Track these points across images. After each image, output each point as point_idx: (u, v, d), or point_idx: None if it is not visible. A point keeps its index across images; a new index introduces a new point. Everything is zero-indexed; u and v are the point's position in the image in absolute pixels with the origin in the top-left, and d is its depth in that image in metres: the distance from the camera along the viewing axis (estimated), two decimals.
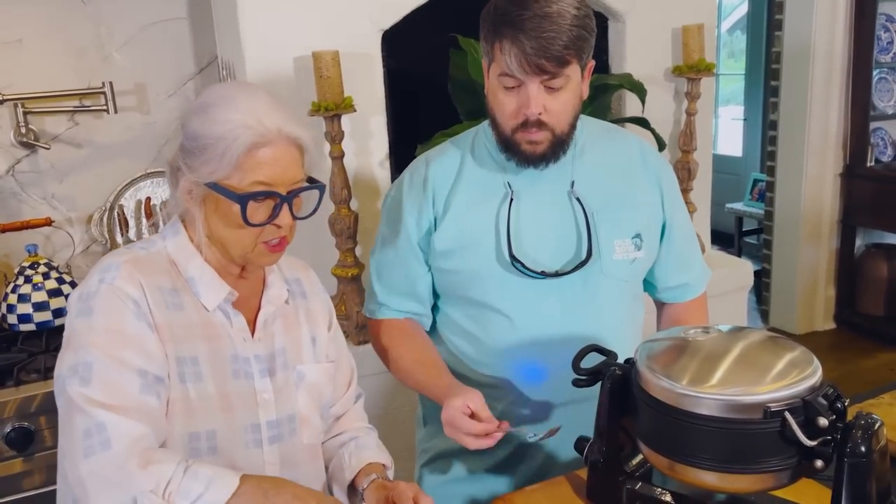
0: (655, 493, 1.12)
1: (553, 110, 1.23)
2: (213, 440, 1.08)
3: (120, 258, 1.09)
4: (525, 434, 1.21)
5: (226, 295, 1.12)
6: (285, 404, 1.16)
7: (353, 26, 2.16)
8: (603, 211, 1.33)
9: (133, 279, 1.06)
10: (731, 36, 5.87)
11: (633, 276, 1.39)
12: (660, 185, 1.40)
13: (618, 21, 2.57)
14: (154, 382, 1.03)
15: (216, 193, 1.06)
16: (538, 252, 1.32)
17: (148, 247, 1.13)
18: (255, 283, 1.19)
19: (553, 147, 1.27)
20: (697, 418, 0.94)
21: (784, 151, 3.85)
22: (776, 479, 0.96)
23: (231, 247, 1.11)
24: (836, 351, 3.70)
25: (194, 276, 1.12)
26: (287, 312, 1.21)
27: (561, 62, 1.19)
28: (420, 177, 1.38)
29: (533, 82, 1.20)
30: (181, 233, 1.14)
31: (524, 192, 1.33)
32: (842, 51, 3.64)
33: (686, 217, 1.48)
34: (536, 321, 1.33)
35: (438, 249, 1.35)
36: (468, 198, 1.34)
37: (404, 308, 1.42)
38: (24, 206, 2.28)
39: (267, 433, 1.14)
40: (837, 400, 0.94)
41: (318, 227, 2.18)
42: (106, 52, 2.32)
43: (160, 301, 1.07)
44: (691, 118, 2.60)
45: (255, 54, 2.10)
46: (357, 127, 2.21)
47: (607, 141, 1.40)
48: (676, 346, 1.05)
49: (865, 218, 3.80)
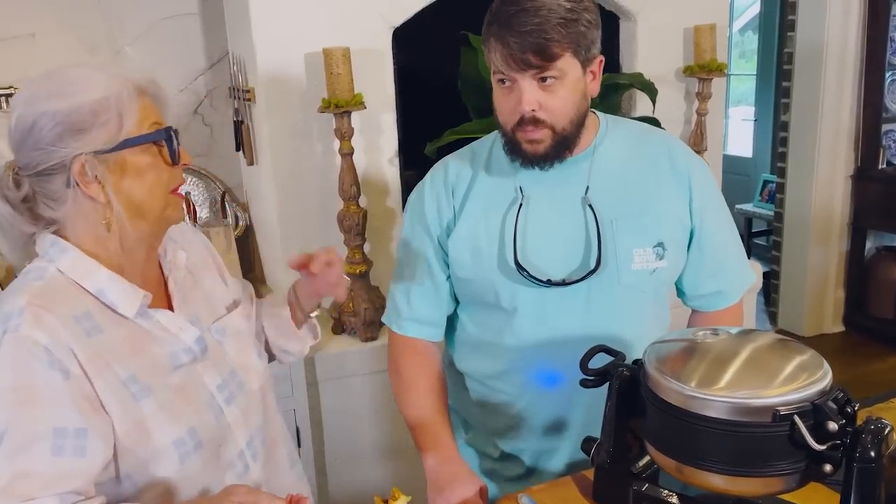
0: (662, 495, 1.11)
1: (549, 106, 1.19)
2: (196, 436, 1.06)
3: (20, 300, 0.98)
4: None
5: (141, 299, 1.05)
6: (221, 364, 1.15)
7: (363, 23, 2.16)
8: (622, 218, 1.28)
9: (41, 322, 0.96)
10: (742, 36, 5.85)
11: (655, 286, 1.33)
12: (689, 188, 1.32)
13: (629, 20, 2.56)
14: (74, 436, 0.94)
15: (121, 152, 1.00)
16: (544, 259, 1.28)
17: (41, 275, 1.02)
18: (155, 270, 1.14)
19: (555, 145, 1.23)
20: (706, 421, 0.94)
21: (795, 153, 3.83)
22: (784, 482, 0.95)
23: (148, 210, 1.05)
24: (844, 354, 3.68)
25: (103, 288, 1.03)
26: (185, 274, 1.18)
27: (547, 55, 1.15)
28: (440, 177, 1.37)
29: (523, 78, 1.18)
30: (70, 249, 1.04)
31: (535, 198, 1.30)
32: (854, 52, 3.62)
33: (722, 219, 1.38)
34: (547, 331, 1.30)
35: (452, 257, 1.34)
36: (481, 203, 1.33)
37: (423, 316, 1.39)
38: None
39: (220, 396, 1.12)
40: (847, 404, 0.93)
41: (327, 224, 2.18)
42: (118, 47, 2.33)
43: (78, 332, 0.99)
44: (702, 118, 2.59)
45: (266, 50, 2.11)
46: (367, 124, 2.22)
47: (633, 143, 1.34)
48: (685, 347, 1.05)
49: (876, 220, 3.77)
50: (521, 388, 1.35)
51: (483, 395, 1.40)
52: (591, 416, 1.30)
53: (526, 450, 1.40)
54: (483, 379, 1.39)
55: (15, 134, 1.02)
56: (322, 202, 2.21)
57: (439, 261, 1.36)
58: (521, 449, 1.40)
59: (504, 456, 1.42)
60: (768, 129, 5.29)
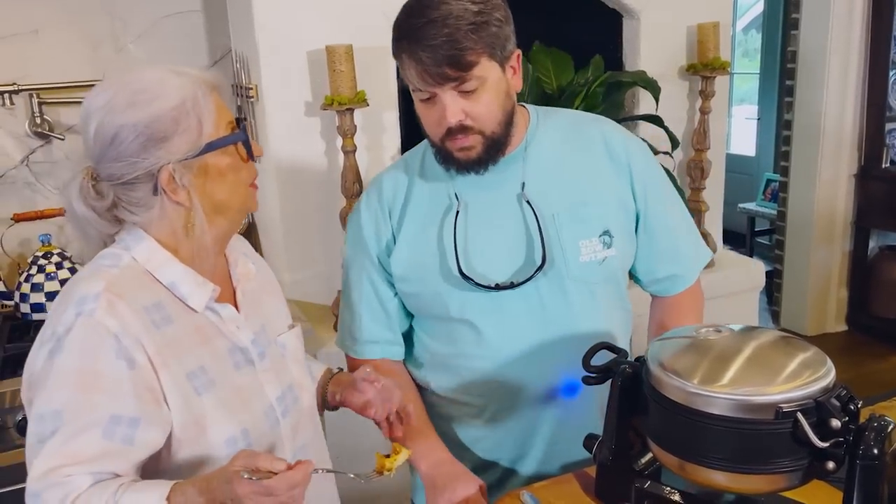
0: (664, 493, 1.11)
1: (474, 114, 1.16)
2: (248, 437, 1.07)
3: (96, 285, 0.99)
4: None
5: (210, 293, 1.07)
6: (282, 377, 1.16)
7: (366, 21, 2.16)
8: (564, 211, 1.24)
9: (114, 310, 0.97)
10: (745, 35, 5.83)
11: (607, 276, 1.29)
12: (629, 171, 1.29)
13: (632, 18, 2.55)
14: (128, 426, 0.96)
15: (207, 156, 1.01)
16: (489, 264, 1.25)
17: (116, 262, 1.04)
18: (223, 266, 1.15)
19: (487, 149, 1.19)
20: (709, 418, 0.94)
21: (798, 151, 3.82)
22: (787, 479, 0.95)
23: (228, 207, 1.07)
24: (847, 353, 3.68)
25: (175, 280, 1.05)
26: (253, 286, 1.19)
27: (463, 66, 1.11)
28: (375, 196, 1.33)
29: (444, 91, 1.13)
30: (146, 238, 1.05)
31: (472, 202, 1.26)
32: (858, 51, 3.61)
33: (670, 202, 1.35)
34: (505, 333, 1.27)
35: (396, 274, 1.30)
36: (419, 215, 1.29)
37: (378, 337, 1.35)
38: (39, 196, 2.30)
39: (279, 408, 1.13)
40: (850, 401, 0.93)
41: (329, 221, 2.18)
42: (121, 44, 2.33)
43: (148, 323, 1.00)
44: (705, 117, 2.59)
45: (269, 48, 2.11)
46: (369, 121, 2.21)
47: (566, 133, 1.30)
48: (688, 344, 1.05)
49: (879, 219, 3.76)
50: (487, 399, 1.31)
51: (447, 409, 1.36)
52: (563, 420, 1.29)
53: (502, 457, 1.36)
54: (445, 392, 1.35)
55: (95, 146, 1.01)
56: (324, 199, 2.21)
57: (383, 280, 1.33)
58: (498, 456, 1.36)
59: (481, 463, 1.37)
60: (771, 127, 5.28)
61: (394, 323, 1.36)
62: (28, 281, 2.04)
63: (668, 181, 1.37)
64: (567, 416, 1.31)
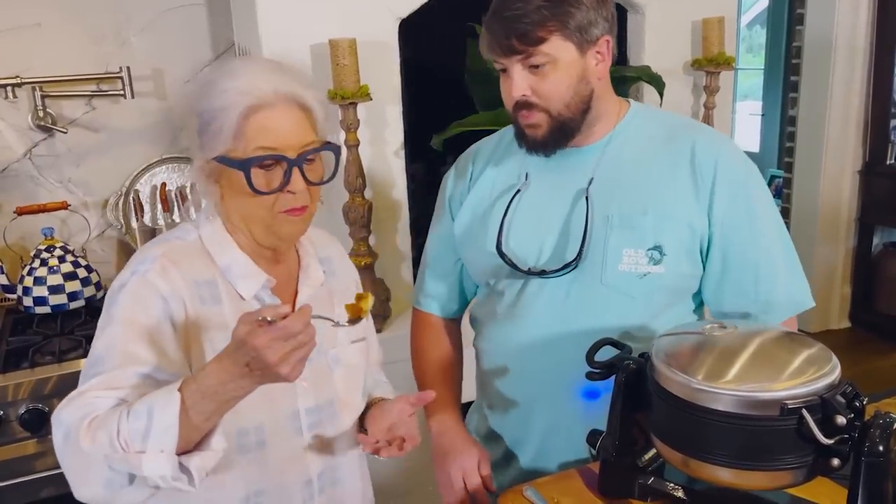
0: (668, 489, 1.11)
1: (540, 91, 1.17)
2: (261, 434, 1.07)
3: (157, 250, 1.06)
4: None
5: (263, 282, 1.09)
6: (323, 390, 1.14)
7: (370, 14, 2.15)
8: (619, 215, 1.21)
9: (167, 274, 1.03)
10: (749, 31, 5.81)
11: (647, 293, 1.21)
12: (711, 192, 1.20)
13: (637, 13, 2.54)
14: (155, 383, 0.97)
15: (224, 167, 1.03)
16: (529, 248, 1.26)
17: (183, 236, 1.10)
18: (290, 268, 1.16)
19: (553, 130, 1.20)
20: (713, 414, 0.94)
21: (802, 147, 3.81)
22: (792, 476, 0.95)
23: (251, 223, 1.07)
24: (850, 350, 3.67)
25: (229, 265, 1.08)
26: (320, 294, 1.18)
27: (531, 39, 1.13)
28: (465, 157, 1.40)
29: (512, 64, 1.17)
30: (215, 220, 1.10)
31: (536, 185, 1.28)
32: (863, 46, 3.59)
33: (760, 234, 1.22)
34: (524, 322, 1.27)
35: (455, 234, 1.36)
36: (488, 185, 1.33)
37: (434, 291, 1.43)
38: (41, 189, 2.30)
39: (306, 420, 1.12)
40: (856, 398, 0.93)
41: (333, 216, 2.17)
42: (124, 37, 2.32)
43: (195, 296, 1.04)
44: (709, 112, 2.57)
45: (272, 41, 2.10)
46: (372, 116, 2.21)
47: (654, 137, 1.26)
48: (692, 341, 1.04)
49: (884, 216, 3.75)
50: (498, 378, 1.36)
51: (482, 364, 1.43)
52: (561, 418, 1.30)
53: (505, 435, 1.39)
54: (480, 353, 1.42)
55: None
56: (327, 194, 2.19)
57: (452, 239, 1.38)
58: (502, 427, 1.39)
59: (489, 434, 1.42)
60: (775, 123, 5.26)
61: (454, 281, 1.43)
62: (31, 274, 2.03)
63: (769, 213, 1.25)
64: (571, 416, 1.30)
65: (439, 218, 1.42)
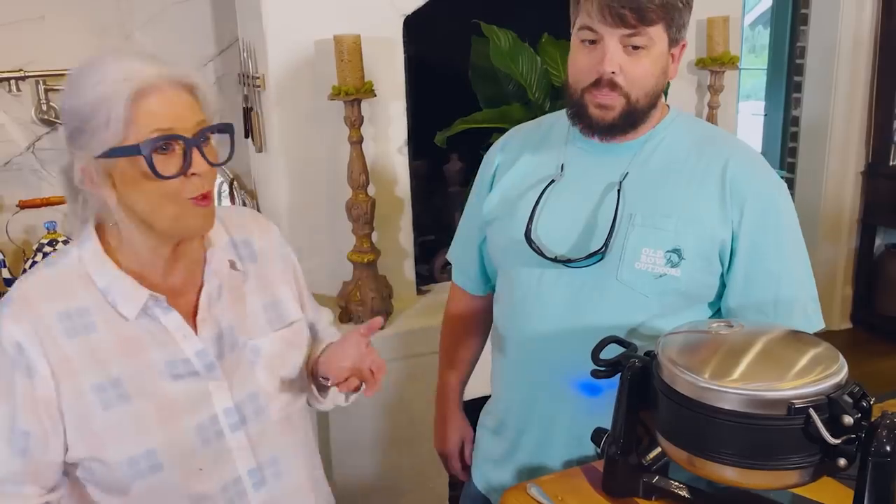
0: (672, 487, 1.11)
1: (630, 73, 1.16)
2: (153, 459, 1.02)
3: (17, 289, 1.01)
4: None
5: (145, 300, 1.02)
6: (244, 385, 1.09)
7: (374, 11, 2.14)
8: (643, 215, 1.21)
9: (22, 318, 0.98)
10: (752, 31, 5.81)
11: (661, 294, 1.21)
12: (741, 211, 1.20)
13: None
14: (20, 437, 0.97)
15: (117, 160, 0.96)
16: (555, 237, 1.26)
17: (58, 261, 1.04)
18: (193, 262, 1.09)
19: (624, 116, 1.19)
20: (719, 413, 0.93)
21: (805, 148, 3.81)
22: (798, 476, 0.94)
23: (156, 219, 1.00)
24: (852, 351, 3.62)
25: (108, 285, 1.02)
26: (234, 283, 1.12)
27: (644, 17, 1.13)
28: (504, 140, 1.41)
29: (612, 37, 1.14)
30: (92, 238, 1.04)
31: (571, 176, 1.28)
32: (867, 47, 3.59)
33: (783, 255, 1.23)
34: (541, 309, 1.28)
35: (483, 213, 1.37)
36: (521, 171, 1.33)
37: (463, 266, 1.48)
38: (44, 183, 2.29)
39: (226, 421, 1.07)
40: (863, 398, 0.92)
41: (336, 212, 2.17)
42: (127, 31, 2.32)
43: (61, 331, 0.99)
44: (713, 111, 2.57)
45: (277, 37, 2.10)
46: (377, 112, 2.20)
47: (690, 144, 1.26)
48: (699, 339, 1.04)
49: (886, 217, 3.75)
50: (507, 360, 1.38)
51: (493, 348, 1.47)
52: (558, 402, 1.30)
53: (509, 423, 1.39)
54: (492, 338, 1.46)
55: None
56: (331, 190, 2.20)
57: (482, 218, 1.40)
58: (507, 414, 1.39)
59: (496, 427, 1.43)
60: (778, 124, 5.25)
61: (479, 259, 1.45)
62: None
63: (795, 239, 1.26)
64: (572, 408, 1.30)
65: (474, 193, 1.44)
